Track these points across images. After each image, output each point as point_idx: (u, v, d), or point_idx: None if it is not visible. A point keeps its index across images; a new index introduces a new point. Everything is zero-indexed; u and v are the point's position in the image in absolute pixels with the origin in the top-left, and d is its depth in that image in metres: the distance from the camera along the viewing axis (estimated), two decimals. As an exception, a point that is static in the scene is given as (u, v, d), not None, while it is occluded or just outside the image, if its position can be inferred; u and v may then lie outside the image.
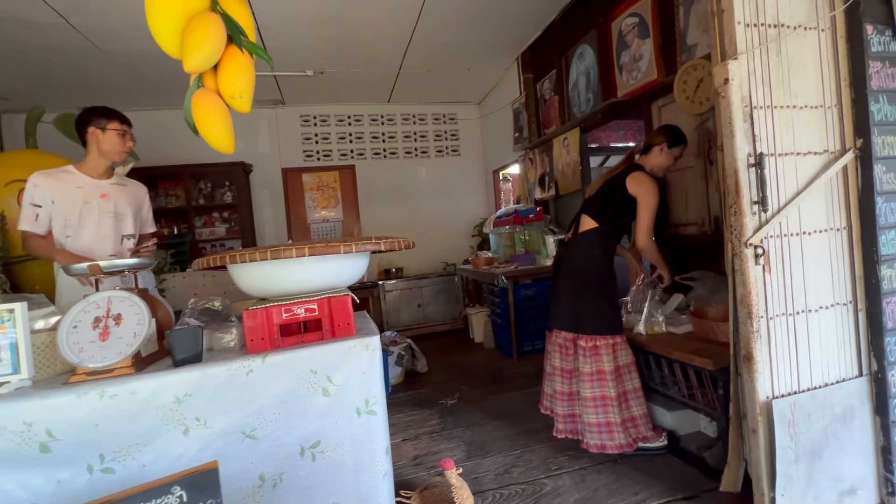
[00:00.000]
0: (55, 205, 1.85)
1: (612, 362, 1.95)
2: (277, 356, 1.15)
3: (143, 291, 1.26)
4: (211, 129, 1.03)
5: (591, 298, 2.02)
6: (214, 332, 1.29)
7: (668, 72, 2.57)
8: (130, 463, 1.05)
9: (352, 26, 3.33)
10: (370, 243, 1.25)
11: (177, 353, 1.12)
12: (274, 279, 1.28)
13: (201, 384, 1.10)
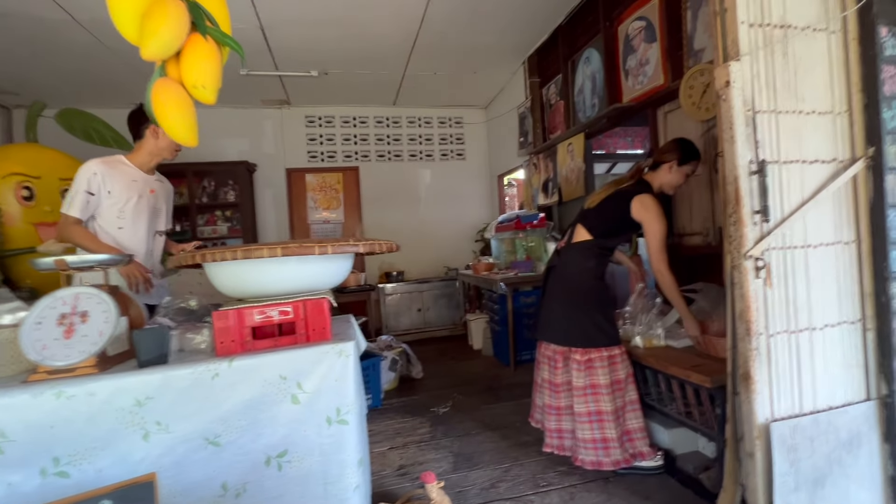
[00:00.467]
0: (111, 195, 1.82)
1: (608, 375, 1.87)
2: (245, 360, 1.11)
3: (114, 289, 1.22)
4: (170, 120, 0.99)
5: (585, 311, 1.93)
6: (185, 333, 1.25)
7: (675, 77, 2.50)
8: (87, 467, 1.01)
9: (356, 27, 3.31)
10: (348, 245, 1.20)
11: (141, 353, 1.08)
12: (248, 279, 1.24)
13: (164, 387, 1.05)
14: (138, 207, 1.89)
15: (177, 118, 1.00)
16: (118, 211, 1.84)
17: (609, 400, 1.83)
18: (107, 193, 1.82)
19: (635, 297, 2.21)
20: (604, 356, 1.87)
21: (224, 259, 1.11)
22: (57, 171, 2.64)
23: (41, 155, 2.62)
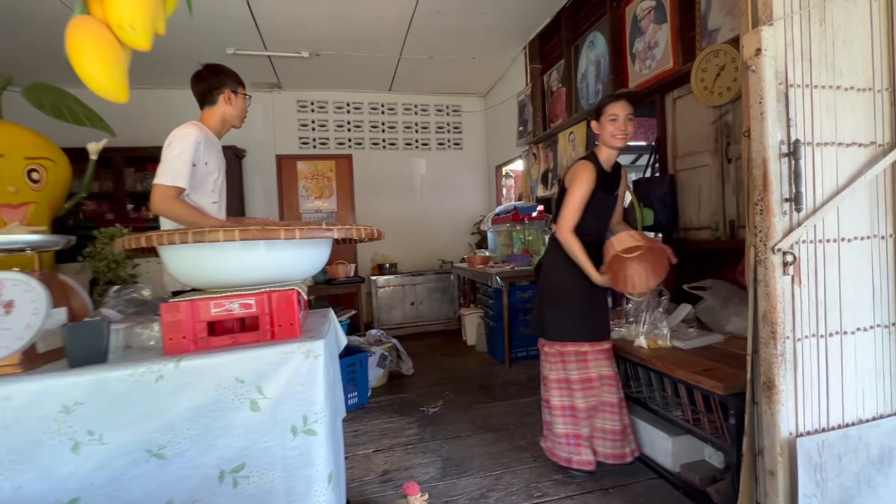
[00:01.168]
0: (207, 167, 1.68)
1: (562, 372, 1.83)
2: (195, 360, 0.95)
3: (49, 275, 1.06)
4: (87, 67, 0.81)
5: (549, 302, 1.87)
6: (134, 328, 1.09)
7: (686, 59, 2.34)
8: (2, 484, 0.85)
9: (348, 4, 3.13)
10: (319, 229, 1.04)
11: (71, 351, 0.93)
12: (206, 267, 1.08)
13: (97, 390, 0.90)
14: (222, 180, 1.81)
15: (96, 65, 0.82)
16: (212, 183, 1.73)
17: (557, 395, 1.83)
18: (204, 164, 1.66)
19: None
20: (557, 351, 1.84)
21: (172, 242, 0.95)
22: (23, 149, 2.45)
23: (5, 132, 2.43)
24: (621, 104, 1.78)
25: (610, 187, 1.87)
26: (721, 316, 1.92)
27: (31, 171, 2.47)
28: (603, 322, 1.85)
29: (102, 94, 0.87)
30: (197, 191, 1.67)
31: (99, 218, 4.13)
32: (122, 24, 0.82)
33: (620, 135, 1.76)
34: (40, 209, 2.53)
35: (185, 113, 5.01)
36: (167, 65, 3.95)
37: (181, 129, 1.67)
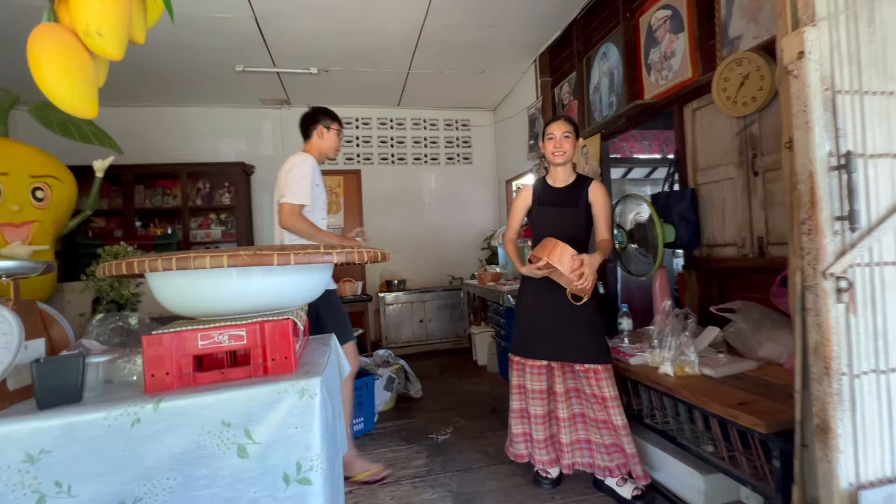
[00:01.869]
0: (318, 188, 2.01)
1: (516, 378, 1.94)
2: (176, 401, 0.85)
3: (26, 304, 0.98)
4: (48, 79, 0.72)
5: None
6: (117, 360, 1.00)
7: (706, 69, 2.24)
8: (-43, 544, 0.76)
9: (356, 19, 3.10)
10: (316, 254, 0.95)
11: (40, 391, 0.84)
12: (196, 295, 0.99)
13: (66, 436, 0.80)
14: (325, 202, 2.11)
15: (58, 77, 0.73)
16: (322, 203, 2.05)
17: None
18: (316, 186, 1.98)
19: (661, 315, 1.93)
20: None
21: (155, 269, 0.86)
22: (28, 167, 2.43)
23: (10, 150, 2.41)
24: (557, 123, 1.92)
25: (560, 202, 1.94)
26: (753, 341, 1.78)
27: (36, 189, 2.45)
28: (536, 338, 1.88)
29: (66, 108, 0.79)
30: (311, 209, 1.98)
31: (108, 235, 4.12)
32: (89, 31, 0.74)
33: (558, 152, 1.90)
34: (44, 228, 2.49)
35: (196, 130, 5.03)
36: (177, 83, 3.96)
37: (298, 155, 2.03)
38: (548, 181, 2.01)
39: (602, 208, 1.91)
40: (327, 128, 2.13)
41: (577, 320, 1.83)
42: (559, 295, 1.83)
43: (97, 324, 1.11)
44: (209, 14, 2.93)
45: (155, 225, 4.32)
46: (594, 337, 1.82)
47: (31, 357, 0.95)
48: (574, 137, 1.92)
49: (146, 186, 4.33)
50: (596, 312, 1.86)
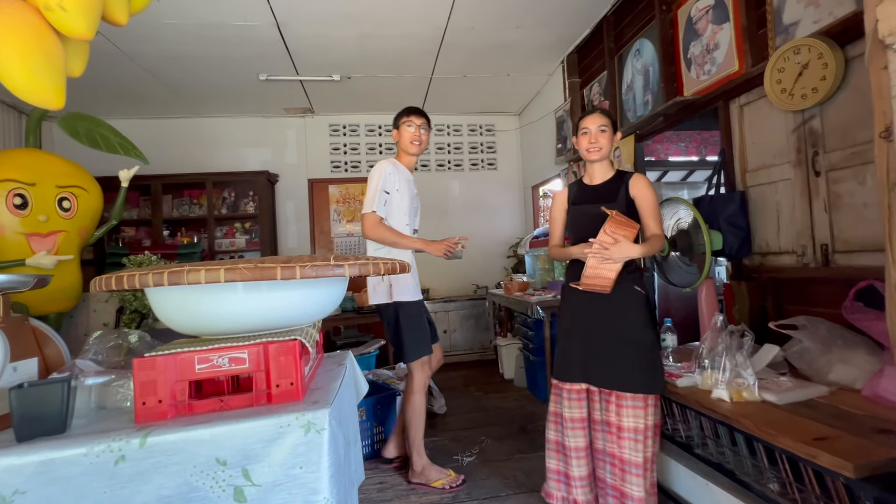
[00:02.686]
0: (398, 193, 2.00)
1: (554, 405, 1.74)
2: (165, 436, 0.75)
3: (16, 322, 0.90)
4: (1, 59, 0.62)
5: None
6: (112, 383, 0.91)
7: (755, 61, 2.04)
8: None
9: (379, 23, 3.04)
10: (325, 266, 0.84)
11: (18, 422, 0.75)
12: (197, 311, 0.90)
13: (43, 475, 0.71)
14: (413, 206, 2.08)
15: (12, 60, 0.63)
16: (405, 209, 2.02)
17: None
18: (395, 191, 1.98)
19: (711, 332, 1.74)
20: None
21: (146, 284, 0.77)
22: (55, 177, 2.45)
23: (38, 160, 2.44)
24: (592, 117, 1.75)
25: (597, 198, 1.75)
26: (822, 362, 1.57)
27: (63, 199, 2.47)
28: (574, 359, 1.67)
29: (23, 95, 0.70)
30: (393, 214, 1.98)
31: (136, 244, 4.19)
32: (49, 5, 0.64)
33: (593, 148, 1.73)
34: (69, 238, 2.51)
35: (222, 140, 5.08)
36: (202, 93, 4.01)
37: (377, 164, 2.05)
38: (584, 181, 1.85)
39: (647, 202, 1.69)
40: (398, 126, 2.16)
41: (619, 338, 1.61)
42: (600, 309, 1.64)
43: (95, 341, 1.03)
44: (232, 23, 2.92)
45: (182, 234, 4.37)
46: (638, 358, 1.59)
47: (20, 379, 0.87)
48: (611, 131, 1.73)
49: (174, 196, 4.39)
50: (645, 329, 1.62)
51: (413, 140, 2.09)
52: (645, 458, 1.54)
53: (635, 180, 1.72)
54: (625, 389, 1.56)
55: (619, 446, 1.56)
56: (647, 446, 1.54)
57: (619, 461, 1.56)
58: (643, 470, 1.53)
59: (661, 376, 1.61)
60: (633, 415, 1.55)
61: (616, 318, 1.62)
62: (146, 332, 1.23)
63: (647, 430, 1.55)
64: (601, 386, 1.61)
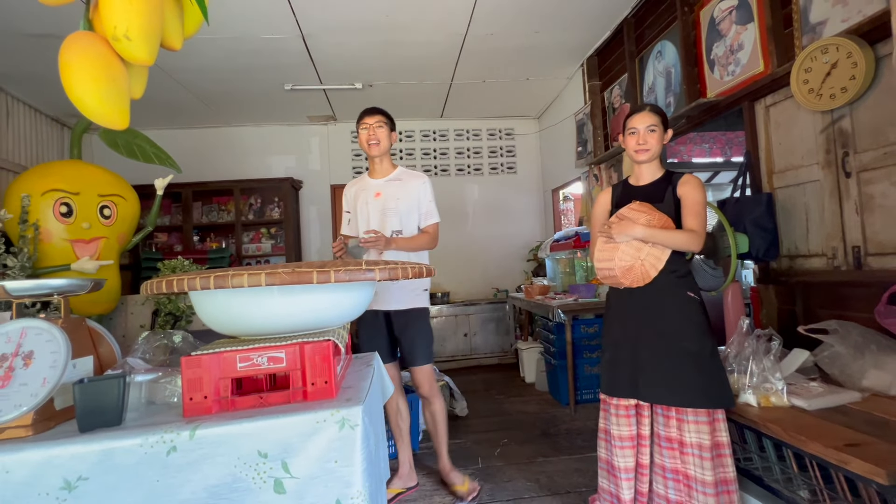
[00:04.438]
0: (353, 210, 2.08)
1: (602, 421, 1.65)
2: (213, 428, 0.81)
3: (75, 322, 0.98)
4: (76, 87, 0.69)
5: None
6: (160, 380, 0.97)
7: (781, 61, 2.02)
8: (-3, 573, 0.74)
9: (399, 32, 3.11)
10: (358, 271, 0.88)
11: (81, 414, 0.81)
12: (237, 314, 0.95)
13: (102, 463, 0.77)
14: (363, 214, 2.03)
15: (84, 81, 0.71)
16: (360, 221, 2.04)
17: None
18: (353, 207, 2.10)
19: (738, 335, 1.72)
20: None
21: (193, 288, 0.83)
22: (97, 187, 2.59)
23: (82, 171, 2.59)
24: (641, 115, 1.62)
25: (646, 199, 1.61)
26: (855, 368, 1.53)
27: (104, 207, 2.60)
28: (622, 373, 1.55)
29: (95, 118, 0.77)
30: (360, 229, 2.04)
31: (168, 249, 4.36)
32: (117, 35, 0.72)
33: (641, 149, 1.61)
34: (110, 244, 2.64)
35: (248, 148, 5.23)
36: (230, 103, 4.16)
37: (423, 174, 2.10)
38: (630, 182, 1.71)
39: (690, 199, 1.54)
40: (358, 132, 2.12)
41: (672, 350, 1.48)
42: (649, 317, 1.53)
43: (143, 341, 1.11)
44: (261, 36, 3.03)
45: (211, 239, 4.53)
46: (696, 371, 1.45)
47: (79, 375, 0.94)
48: (661, 130, 1.60)
49: (203, 203, 4.55)
50: (701, 338, 1.48)
51: (369, 141, 2.00)
52: (716, 478, 1.40)
53: (685, 180, 1.58)
54: (685, 405, 1.43)
55: (683, 462, 1.44)
56: (716, 465, 1.42)
57: (685, 477, 1.44)
58: (715, 492, 1.39)
59: (725, 388, 1.46)
60: (695, 430, 1.42)
61: (667, 328, 1.49)
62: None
63: (715, 447, 1.43)
64: (654, 401, 1.49)
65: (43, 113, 3.87)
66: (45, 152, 3.85)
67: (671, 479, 1.47)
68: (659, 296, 1.52)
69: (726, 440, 1.45)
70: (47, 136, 3.91)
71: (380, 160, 2.05)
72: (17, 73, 3.25)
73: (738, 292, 2.08)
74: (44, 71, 3.20)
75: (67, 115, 3.99)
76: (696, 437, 1.42)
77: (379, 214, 1.99)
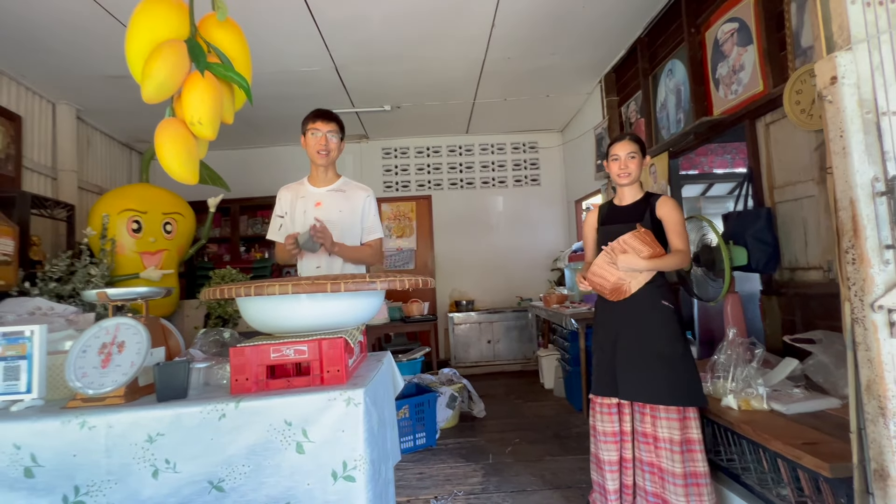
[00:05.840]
0: (288, 216, 1.89)
1: (591, 419, 1.82)
2: (252, 401, 1.06)
3: (152, 320, 1.27)
4: (165, 158, 1.00)
5: None
6: (213, 367, 1.25)
7: (777, 82, 2.11)
8: (101, 500, 1.02)
9: (422, 61, 3.39)
10: (363, 283, 1.12)
11: (159, 388, 1.09)
12: (270, 315, 1.21)
13: (174, 424, 1.04)
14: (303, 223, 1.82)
15: (171, 155, 1.01)
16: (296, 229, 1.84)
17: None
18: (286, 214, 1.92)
19: (727, 343, 1.82)
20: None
21: (239, 295, 1.09)
22: (161, 206, 3.02)
23: (149, 193, 3.02)
24: (622, 144, 1.81)
25: (624, 218, 1.81)
26: (837, 375, 1.61)
27: (166, 223, 3.02)
28: (605, 374, 1.73)
29: (178, 179, 1.07)
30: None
31: (218, 259, 4.82)
32: (193, 122, 1.01)
33: (623, 174, 1.79)
34: (171, 255, 3.05)
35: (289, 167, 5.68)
36: (273, 126, 4.58)
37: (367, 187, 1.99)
38: (614, 202, 1.91)
39: (672, 221, 1.72)
40: (304, 133, 1.91)
41: (647, 352, 1.64)
42: (629, 324, 1.69)
43: (201, 337, 1.40)
44: (299, 69, 3.40)
45: (255, 250, 4.96)
46: (668, 372, 1.61)
47: (154, 361, 1.23)
48: (640, 157, 1.79)
49: (248, 216, 5.00)
50: (674, 343, 1.64)
51: (319, 150, 1.81)
52: (685, 471, 1.54)
53: (662, 202, 1.76)
54: (655, 402, 1.59)
55: (657, 456, 1.59)
56: (686, 459, 1.55)
57: (659, 469, 1.59)
58: (684, 483, 1.53)
59: (695, 389, 1.61)
60: (667, 426, 1.58)
61: (644, 333, 1.66)
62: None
63: (685, 442, 1.57)
64: (630, 399, 1.65)
65: (116, 140, 4.43)
66: (118, 174, 4.40)
67: (647, 471, 1.63)
68: (637, 305, 1.68)
69: (697, 437, 1.58)
70: (119, 159, 4.46)
71: (325, 168, 1.89)
72: (96, 107, 3.77)
73: (737, 303, 2.17)
74: (118, 104, 3.70)
75: (136, 140, 4.54)
76: (667, 432, 1.58)
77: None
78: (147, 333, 1.17)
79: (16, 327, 1.16)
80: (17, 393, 1.14)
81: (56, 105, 3.50)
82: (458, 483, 2.19)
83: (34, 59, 2.96)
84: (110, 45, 2.81)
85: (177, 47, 0.99)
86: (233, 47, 1.08)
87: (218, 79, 1.05)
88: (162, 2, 0.98)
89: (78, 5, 2.48)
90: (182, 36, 1.00)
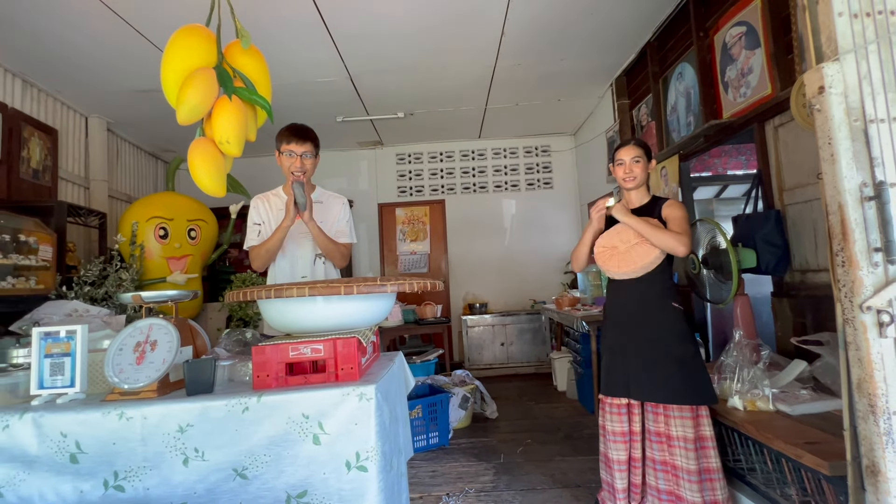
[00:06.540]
0: (264, 225, 1.90)
1: (601, 418, 1.83)
2: (272, 396, 1.14)
3: (181, 320, 1.37)
4: (197, 173, 1.10)
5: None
6: (237, 364, 1.34)
7: (785, 85, 2.12)
8: (137, 484, 1.11)
9: (433, 70, 3.47)
10: (374, 285, 1.20)
11: (189, 383, 1.19)
12: (289, 316, 1.30)
13: (202, 416, 1.13)
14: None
15: (202, 172, 1.12)
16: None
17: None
18: (264, 222, 1.94)
19: (734, 345, 1.84)
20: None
21: (260, 297, 1.18)
22: (186, 213, 3.17)
23: (174, 200, 3.17)
24: (627, 148, 1.85)
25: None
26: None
27: (191, 230, 3.17)
28: (616, 375, 1.75)
29: (208, 192, 1.18)
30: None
31: (239, 264, 4.98)
32: (222, 141, 1.12)
33: (628, 178, 1.83)
34: (195, 260, 3.20)
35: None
36: (292, 135, 4.73)
37: (342, 196, 2.05)
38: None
39: (673, 217, 1.74)
40: (279, 152, 1.91)
41: (657, 353, 1.66)
42: (638, 326, 1.72)
43: (225, 337, 1.49)
44: (316, 80, 3.52)
45: (274, 254, 5.11)
46: (678, 371, 1.63)
47: (183, 359, 1.33)
48: (645, 161, 1.82)
49: (268, 222, 5.15)
50: (683, 343, 1.67)
51: (295, 171, 1.82)
52: (699, 467, 1.57)
53: (668, 205, 1.80)
54: (670, 402, 1.62)
55: (671, 454, 1.61)
56: (700, 456, 1.59)
57: (672, 467, 1.61)
58: (699, 479, 1.56)
59: (706, 387, 1.64)
60: (681, 425, 1.60)
61: (653, 334, 1.69)
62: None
63: (699, 440, 1.60)
64: (643, 399, 1.67)
65: (143, 150, 4.64)
66: (145, 183, 4.61)
67: (661, 470, 1.65)
68: (647, 306, 1.71)
69: (709, 434, 1.61)
70: (146, 168, 4.67)
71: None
72: (125, 119, 3.97)
73: (747, 305, 2.18)
74: (146, 116, 3.89)
75: (162, 150, 4.75)
76: (681, 430, 1.60)
77: (300, 236, 1.87)
78: (177, 333, 1.27)
79: (61, 327, 1.27)
80: (63, 387, 1.25)
81: (88, 118, 3.70)
82: (469, 481, 2.25)
83: (69, 76, 3.15)
84: (139, 62, 2.98)
85: (207, 75, 1.09)
86: (255, 71, 1.18)
87: (243, 101, 1.15)
88: (193, 34, 1.08)
89: (111, 25, 2.64)
90: (211, 63, 1.11)
